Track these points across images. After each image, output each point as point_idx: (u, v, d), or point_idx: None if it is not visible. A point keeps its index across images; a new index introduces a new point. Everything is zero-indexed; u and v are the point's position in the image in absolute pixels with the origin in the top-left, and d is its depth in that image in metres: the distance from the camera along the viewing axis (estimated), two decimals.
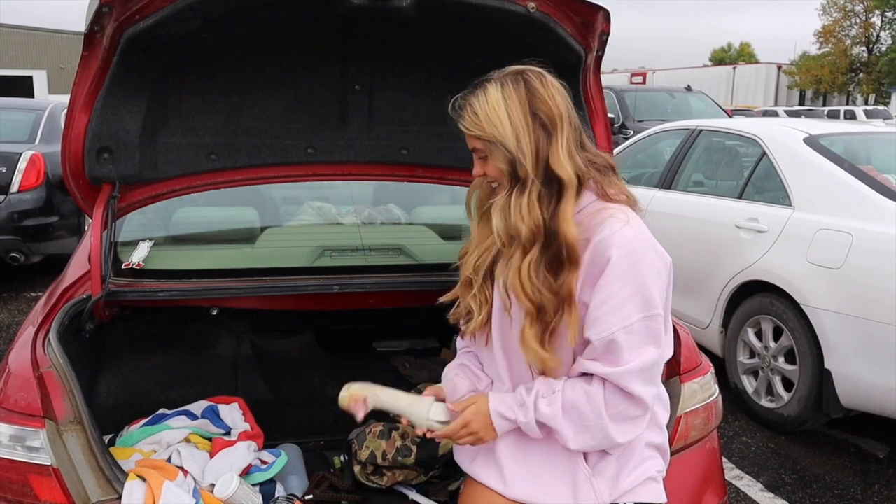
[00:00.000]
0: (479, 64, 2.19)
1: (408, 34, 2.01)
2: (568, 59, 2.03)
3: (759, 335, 4.09)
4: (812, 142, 4.24)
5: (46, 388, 1.75)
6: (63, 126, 7.06)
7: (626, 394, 1.54)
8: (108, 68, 1.92)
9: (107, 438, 2.14)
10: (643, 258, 1.52)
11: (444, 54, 2.14)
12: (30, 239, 6.26)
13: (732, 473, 3.54)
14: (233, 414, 2.34)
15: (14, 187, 6.19)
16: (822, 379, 3.64)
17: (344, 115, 2.27)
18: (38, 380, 1.77)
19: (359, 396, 1.75)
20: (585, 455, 1.64)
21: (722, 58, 74.51)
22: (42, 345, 1.89)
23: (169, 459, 2.03)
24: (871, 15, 49.02)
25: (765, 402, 4.04)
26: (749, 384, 4.15)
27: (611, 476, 1.65)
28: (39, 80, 33.78)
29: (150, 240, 2.40)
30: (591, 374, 1.56)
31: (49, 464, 1.67)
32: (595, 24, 1.99)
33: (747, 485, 3.46)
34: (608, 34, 2.04)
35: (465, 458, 1.78)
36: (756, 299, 4.07)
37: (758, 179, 4.45)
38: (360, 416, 1.75)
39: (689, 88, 12.39)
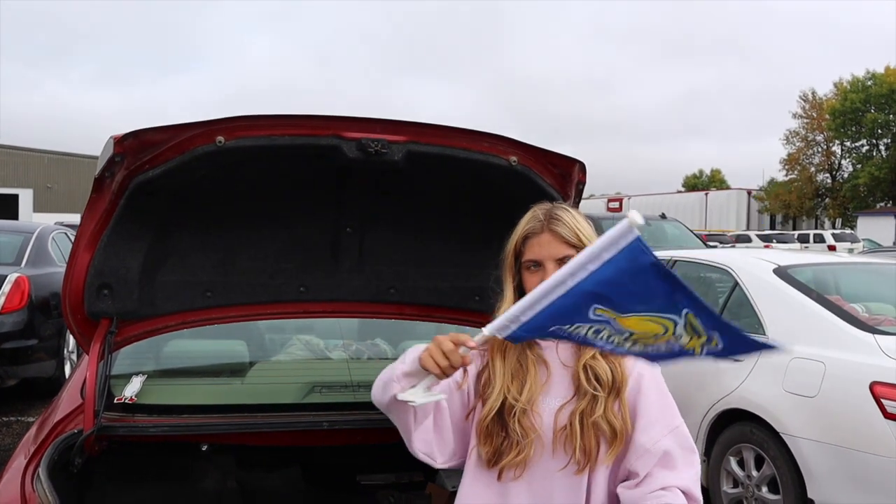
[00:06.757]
0: (464, 209, 2.35)
1: (398, 182, 2.14)
2: None
3: (741, 464, 4.09)
4: (781, 272, 4.42)
5: None
6: (51, 251, 6.95)
7: (695, 499, 1.66)
8: (115, 210, 2.03)
9: None
10: (660, 375, 1.87)
11: (431, 200, 2.28)
12: (7, 362, 6.15)
13: None
14: None
15: None
16: None
17: (336, 255, 2.38)
18: None
19: None
20: None
21: (694, 184, 77.37)
22: (31, 480, 1.89)
23: None
24: (831, 144, 51.55)
25: None
26: None
27: None
28: (25, 198, 34.14)
29: (143, 373, 2.43)
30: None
31: None
32: (572, 175, 2.16)
33: None
34: (584, 183, 2.21)
35: None
36: (736, 428, 4.10)
37: (732, 308, 4.58)
38: None
39: (663, 216, 12.83)
